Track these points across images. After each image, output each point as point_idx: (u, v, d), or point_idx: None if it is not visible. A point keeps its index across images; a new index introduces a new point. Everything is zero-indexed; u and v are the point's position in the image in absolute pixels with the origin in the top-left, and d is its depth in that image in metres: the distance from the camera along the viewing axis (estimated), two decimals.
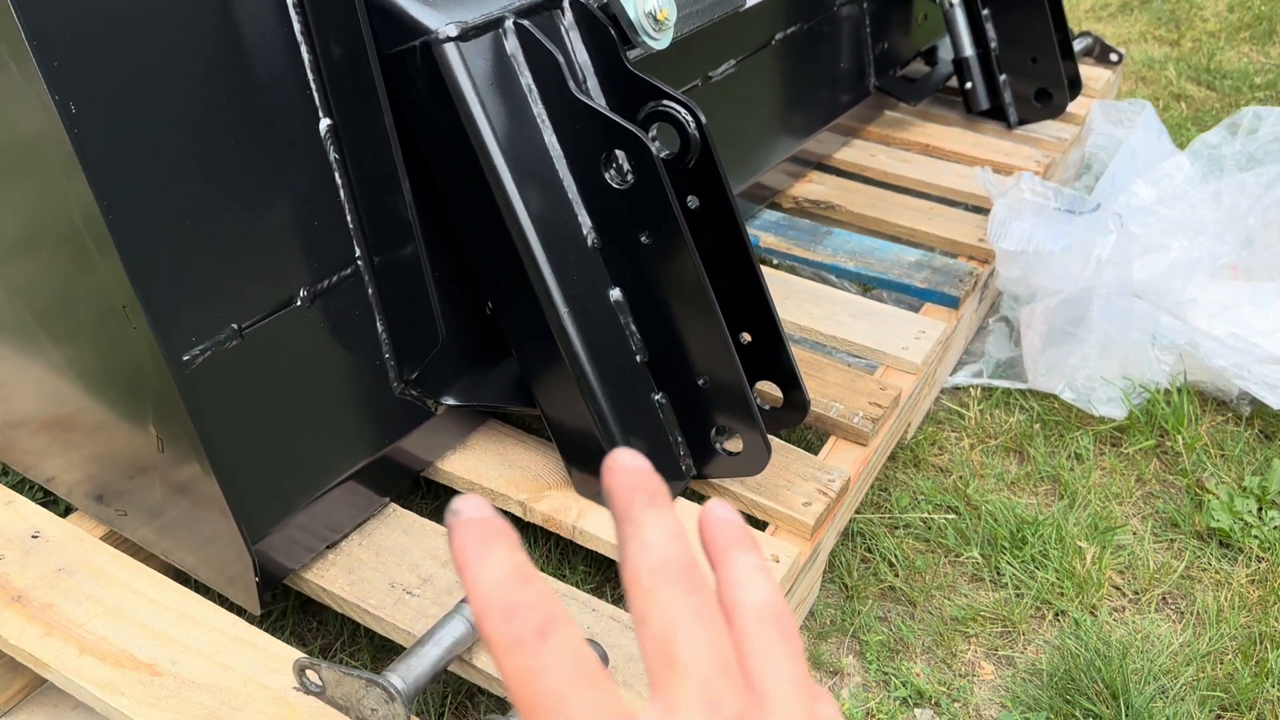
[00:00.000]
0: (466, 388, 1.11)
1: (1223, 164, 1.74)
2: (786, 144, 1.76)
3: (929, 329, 1.46)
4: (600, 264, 1.07)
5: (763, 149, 1.70)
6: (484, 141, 0.98)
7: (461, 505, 0.32)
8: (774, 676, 0.31)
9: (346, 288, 1.00)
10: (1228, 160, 1.74)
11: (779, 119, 1.74)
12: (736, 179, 1.66)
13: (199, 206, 0.87)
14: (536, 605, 0.30)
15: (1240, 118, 1.79)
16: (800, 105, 1.79)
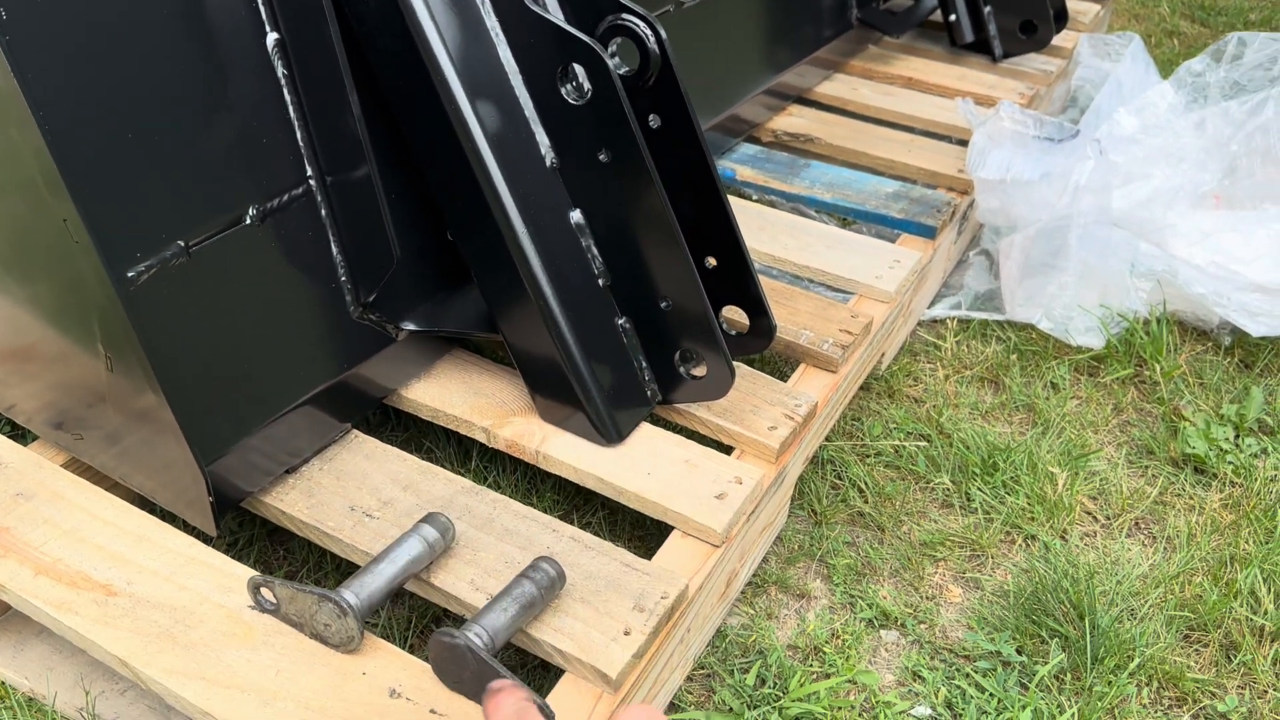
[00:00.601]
0: (428, 313, 1.10)
1: (1207, 91, 1.71)
2: (763, 76, 1.73)
3: (904, 258, 1.44)
4: (560, 184, 1.06)
5: (738, 80, 1.68)
6: (435, 55, 0.96)
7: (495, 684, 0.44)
8: None
9: (298, 207, 0.99)
10: (1212, 88, 1.72)
11: (755, 50, 1.71)
12: (711, 110, 1.63)
13: (141, 121, 0.85)
14: None
15: (1225, 44, 1.76)
16: (778, 36, 1.76)
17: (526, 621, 0.87)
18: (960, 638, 1.11)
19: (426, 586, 0.94)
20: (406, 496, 1.02)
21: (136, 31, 0.84)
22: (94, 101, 0.82)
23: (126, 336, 0.86)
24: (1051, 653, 1.07)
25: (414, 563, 0.91)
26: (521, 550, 0.96)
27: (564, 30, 0.97)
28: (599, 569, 0.95)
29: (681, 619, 0.94)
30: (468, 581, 0.93)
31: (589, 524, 1.20)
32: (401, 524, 0.98)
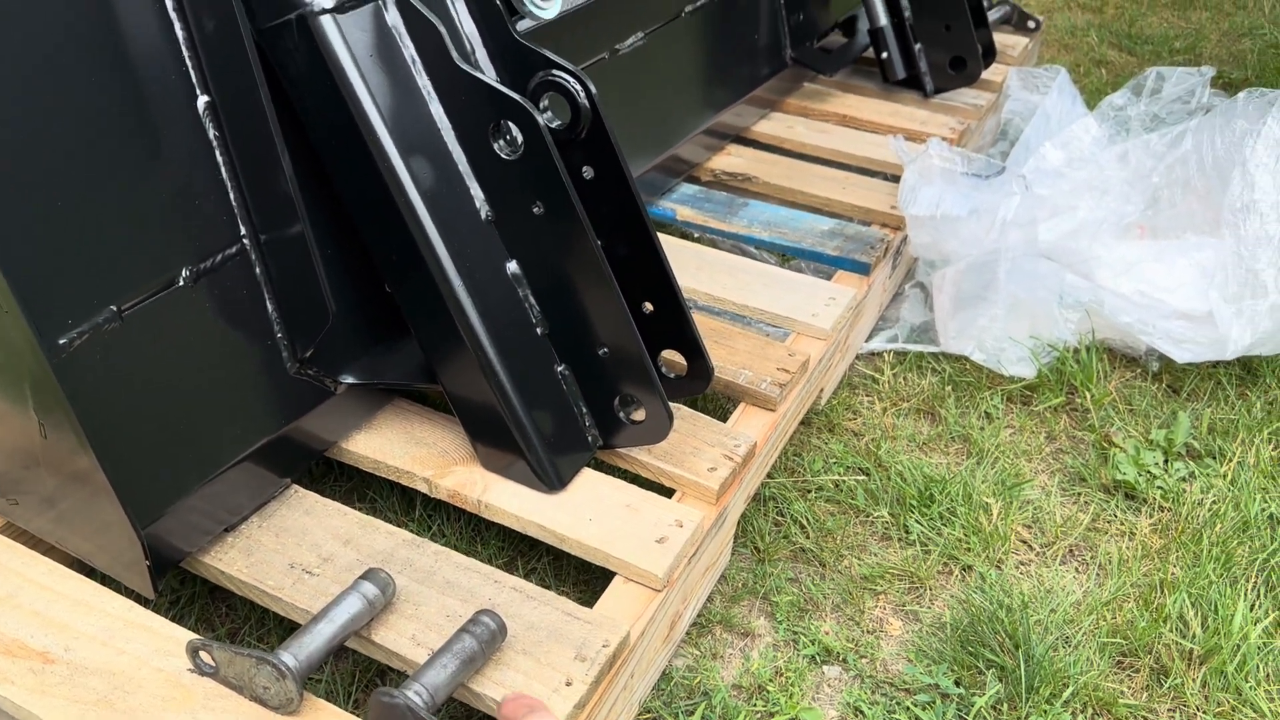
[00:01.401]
0: (366, 366, 1.11)
1: (1129, 125, 1.77)
2: (700, 117, 1.76)
3: (839, 295, 1.47)
4: (495, 236, 1.07)
5: (675, 122, 1.71)
6: (366, 115, 0.97)
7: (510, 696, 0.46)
8: None
9: (233, 266, 0.99)
10: (1134, 121, 1.78)
11: (692, 92, 1.74)
12: (649, 153, 1.66)
13: (71, 187, 0.85)
14: None
15: (1144, 79, 1.82)
16: (714, 78, 1.79)
17: (468, 676, 0.88)
18: (900, 671, 1.13)
19: (367, 643, 0.94)
20: (347, 552, 1.02)
21: (66, 98, 0.85)
22: (22, 169, 0.82)
23: (59, 403, 0.86)
24: (988, 684, 1.10)
25: (354, 621, 0.91)
26: (463, 603, 0.96)
27: (495, 89, 0.98)
28: (541, 619, 0.95)
29: (624, 666, 0.95)
30: (409, 637, 0.93)
31: (534, 569, 1.20)
32: (342, 580, 0.98)
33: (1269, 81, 2.65)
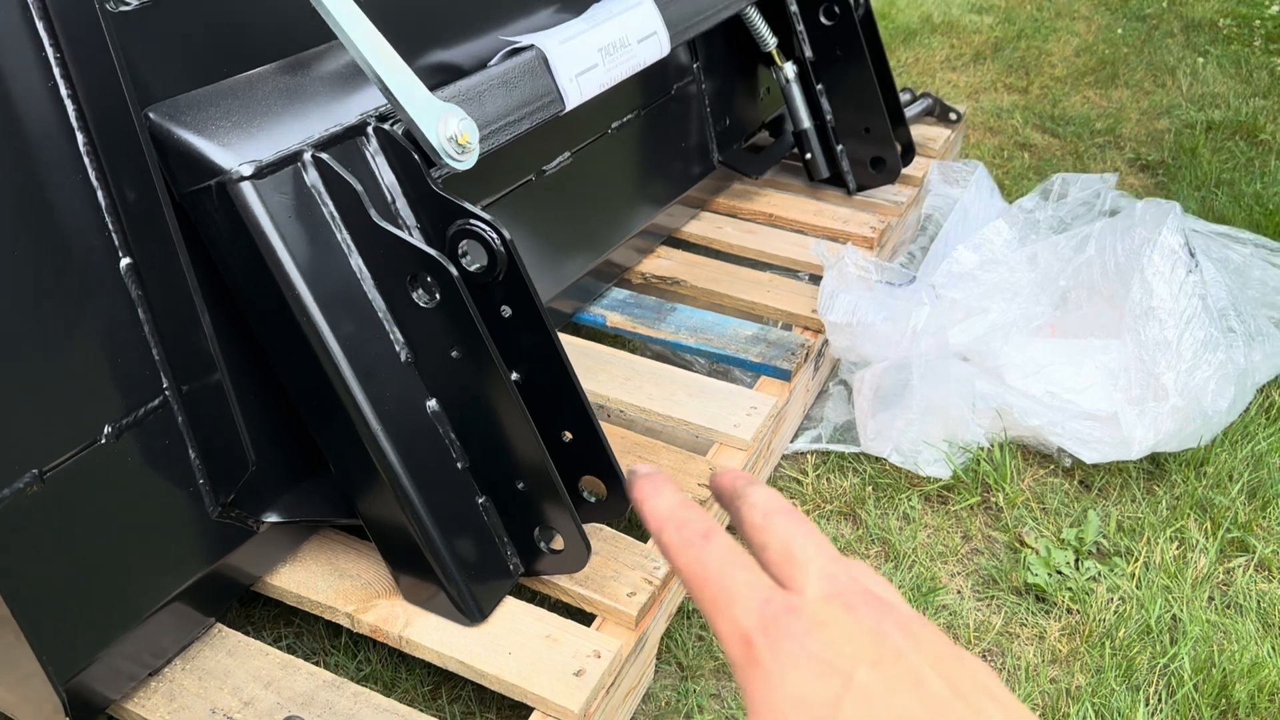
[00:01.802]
0: (288, 504, 1.13)
1: (1038, 227, 1.86)
2: (631, 224, 1.82)
3: (760, 405, 1.52)
4: (416, 377, 1.11)
5: (606, 231, 1.76)
6: (285, 272, 1.01)
7: (637, 468, 0.47)
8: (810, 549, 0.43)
9: (155, 419, 1.02)
10: (1042, 224, 1.86)
11: (622, 201, 1.80)
12: (582, 261, 1.71)
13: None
14: (699, 521, 0.43)
15: (1051, 184, 1.91)
16: (643, 186, 1.85)
17: None
18: None
19: None
20: (268, 694, 1.04)
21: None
22: None
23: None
24: None
25: None
26: None
27: (412, 246, 1.03)
28: None
29: None
30: None
31: (458, 698, 1.23)
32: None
33: (1184, 161, 2.77)
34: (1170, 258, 1.56)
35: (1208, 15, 3.86)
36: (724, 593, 0.41)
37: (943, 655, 0.39)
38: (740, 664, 0.39)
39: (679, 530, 0.43)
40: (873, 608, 0.39)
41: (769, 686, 0.38)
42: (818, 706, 0.37)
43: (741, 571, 0.41)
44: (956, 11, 3.89)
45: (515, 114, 1.30)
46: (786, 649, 0.38)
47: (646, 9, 1.56)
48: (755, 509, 0.44)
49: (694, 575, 0.42)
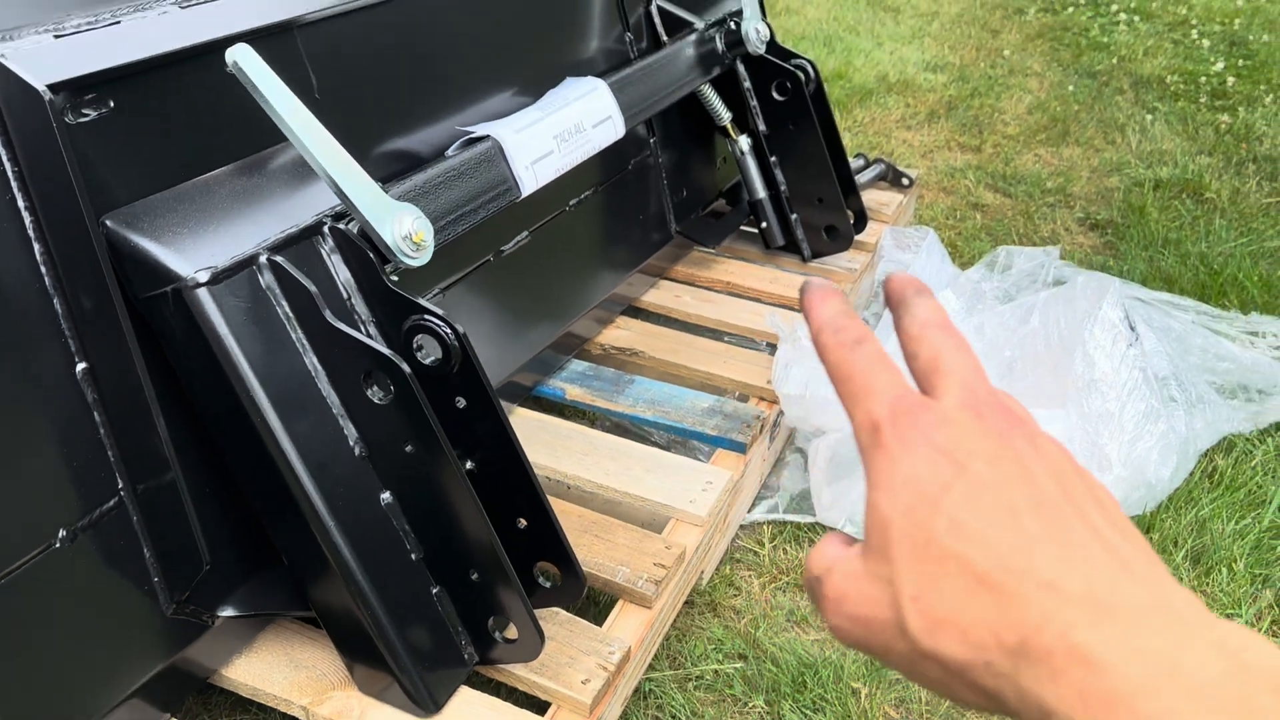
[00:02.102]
0: (244, 598, 1.15)
1: (984, 298, 1.91)
2: (588, 298, 1.85)
3: (716, 479, 1.55)
4: (370, 471, 1.13)
5: (563, 307, 1.79)
6: (240, 374, 1.03)
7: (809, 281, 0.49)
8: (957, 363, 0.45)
9: (111, 520, 1.03)
10: (988, 295, 1.91)
11: (579, 277, 1.83)
12: (542, 336, 1.74)
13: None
14: (855, 328, 0.46)
15: (996, 256, 1.96)
16: (600, 260, 1.89)
17: None
18: None
19: None
20: None
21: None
22: None
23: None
24: None
25: None
26: None
27: (366, 345, 1.05)
28: None
29: None
30: None
31: None
32: None
33: (1132, 220, 2.85)
34: (1110, 331, 1.61)
35: (1156, 72, 3.98)
36: (864, 387, 0.44)
37: (1064, 469, 0.40)
38: (867, 448, 0.42)
39: (835, 334, 0.46)
40: (1003, 418, 0.42)
41: (888, 466, 0.41)
42: (929, 485, 0.39)
43: (884, 372, 0.44)
44: (911, 70, 3.99)
45: (471, 204, 1.34)
46: (911, 436, 0.41)
47: (601, 94, 1.60)
48: (914, 319, 0.47)
49: (840, 371, 0.45)
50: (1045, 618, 0.36)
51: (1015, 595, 0.37)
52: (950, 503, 0.39)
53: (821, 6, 4.88)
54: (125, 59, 1.01)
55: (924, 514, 0.39)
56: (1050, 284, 1.92)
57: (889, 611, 0.39)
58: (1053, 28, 4.53)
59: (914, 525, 0.39)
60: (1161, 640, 0.34)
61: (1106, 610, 0.36)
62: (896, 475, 0.40)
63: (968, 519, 0.38)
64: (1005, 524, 0.38)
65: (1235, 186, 3.01)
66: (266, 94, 1.01)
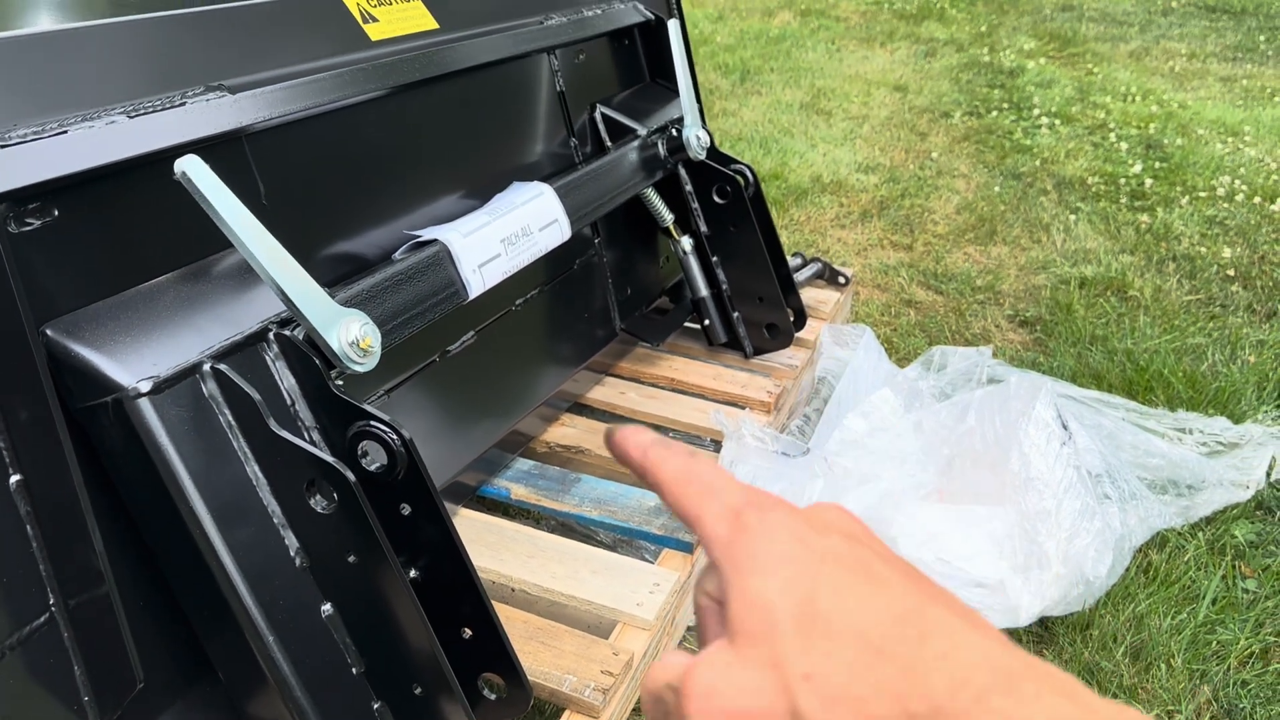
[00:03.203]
0: (176, 717, 1.10)
1: (921, 395, 1.95)
2: (534, 396, 1.85)
3: (663, 580, 1.54)
4: (311, 582, 1.11)
5: (509, 406, 1.79)
6: (179, 483, 1.01)
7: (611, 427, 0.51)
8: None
9: (41, 636, 0.99)
10: (925, 393, 1.95)
11: (525, 375, 1.84)
12: (488, 434, 1.73)
13: None
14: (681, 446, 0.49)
15: (931, 355, 2.01)
16: (546, 357, 1.90)
17: None
18: None
19: None
20: None
21: None
22: None
23: None
24: None
25: None
26: None
27: (310, 454, 1.04)
28: None
29: None
30: None
31: None
32: None
33: (1060, 317, 2.94)
34: (1044, 430, 1.65)
35: (1077, 173, 4.15)
36: (711, 484, 0.45)
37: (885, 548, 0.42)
38: (727, 536, 0.42)
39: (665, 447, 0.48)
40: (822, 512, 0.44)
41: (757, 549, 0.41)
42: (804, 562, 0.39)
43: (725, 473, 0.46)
44: (844, 171, 4.12)
45: (419, 307, 1.34)
46: (773, 518, 0.42)
47: (548, 199, 1.63)
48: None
49: (683, 474, 0.46)
50: (956, 684, 0.35)
51: (917, 663, 0.36)
52: (829, 576, 0.39)
53: (757, 109, 5.05)
54: (71, 169, 1.01)
55: (805, 589, 0.38)
56: (984, 382, 1.97)
57: (773, 698, 0.38)
58: (978, 131, 4.72)
59: (797, 603, 0.38)
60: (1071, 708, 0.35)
61: (1009, 676, 0.36)
62: (769, 556, 0.40)
63: (849, 590, 0.38)
64: (884, 595, 0.38)
65: (1157, 284, 3.14)
66: (214, 203, 1.02)
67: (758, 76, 5.68)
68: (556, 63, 1.90)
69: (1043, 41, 6.59)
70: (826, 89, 5.39)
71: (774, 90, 5.39)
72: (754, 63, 5.95)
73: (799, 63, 5.99)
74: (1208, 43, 6.48)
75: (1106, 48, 6.39)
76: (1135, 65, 5.92)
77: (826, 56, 6.18)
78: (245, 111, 1.23)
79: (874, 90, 5.38)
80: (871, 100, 5.20)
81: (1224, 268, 3.26)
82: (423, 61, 1.53)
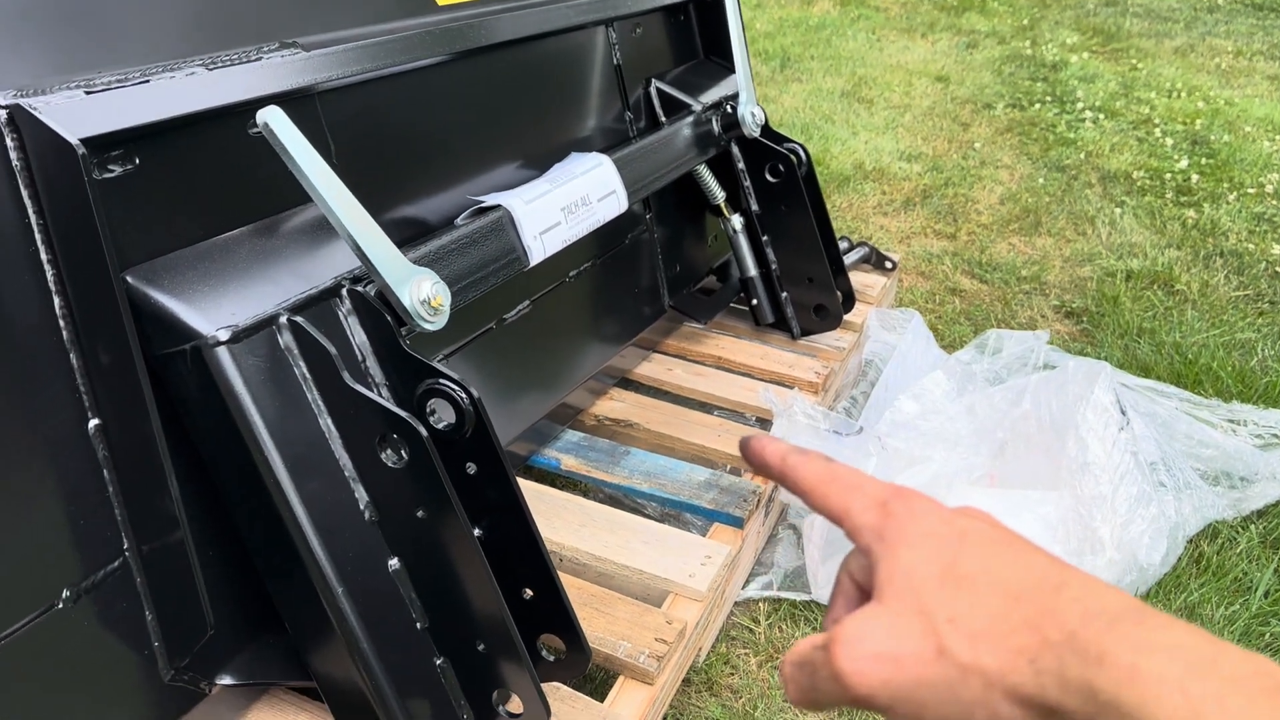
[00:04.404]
0: (242, 665, 1.11)
1: (974, 378, 1.93)
2: (584, 369, 1.85)
3: (715, 553, 1.54)
4: (379, 536, 1.11)
5: (560, 377, 1.79)
6: (255, 433, 1.02)
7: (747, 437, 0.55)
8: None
9: (114, 581, 1.00)
10: (978, 376, 1.94)
11: (578, 345, 1.84)
12: (539, 405, 1.74)
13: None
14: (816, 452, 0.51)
15: (986, 339, 2.00)
16: (597, 331, 1.90)
17: None
18: None
19: None
20: None
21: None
22: None
23: None
24: None
25: None
26: None
27: (383, 408, 1.04)
28: None
29: None
30: None
31: None
32: None
33: (1106, 309, 2.91)
34: (1103, 415, 1.63)
35: (1122, 167, 4.10)
36: (855, 482, 0.49)
37: None
38: (875, 525, 0.46)
39: (802, 454, 0.51)
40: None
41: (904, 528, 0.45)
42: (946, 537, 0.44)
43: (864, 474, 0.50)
44: (886, 159, 4.09)
45: (482, 271, 1.34)
46: (917, 505, 0.46)
47: (606, 169, 1.63)
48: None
49: (826, 474, 0.50)
50: (1089, 616, 0.39)
51: (1054, 605, 0.40)
52: (970, 546, 0.44)
53: (798, 96, 5.02)
54: (154, 117, 1.02)
55: (950, 556, 0.43)
56: (1040, 368, 1.95)
57: (920, 639, 0.42)
58: (1020, 123, 4.67)
59: (942, 564, 0.43)
60: (1197, 640, 0.37)
61: (1139, 610, 0.39)
62: (916, 533, 0.45)
63: (990, 556, 0.43)
64: (1022, 559, 0.43)
65: (1204, 279, 3.10)
66: (295, 155, 1.02)
67: (798, 64, 5.64)
68: (615, 35, 1.90)
69: (1086, 36, 6.51)
70: (867, 78, 5.36)
71: (814, 78, 5.35)
72: (794, 50, 5.92)
73: (839, 51, 5.95)
74: (1255, 40, 6.39)
75: (1151, 44, 6.31)
76: (1180, 61, 5.84)
77: (867, 46, 6.14)
78: (319, 69, 1.24)
79: (915, 80, 5.34)
80: (913, 90, 5.16)
81: (1273, 264, 3.21)
82: (488, 28, 1.53)
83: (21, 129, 0.92)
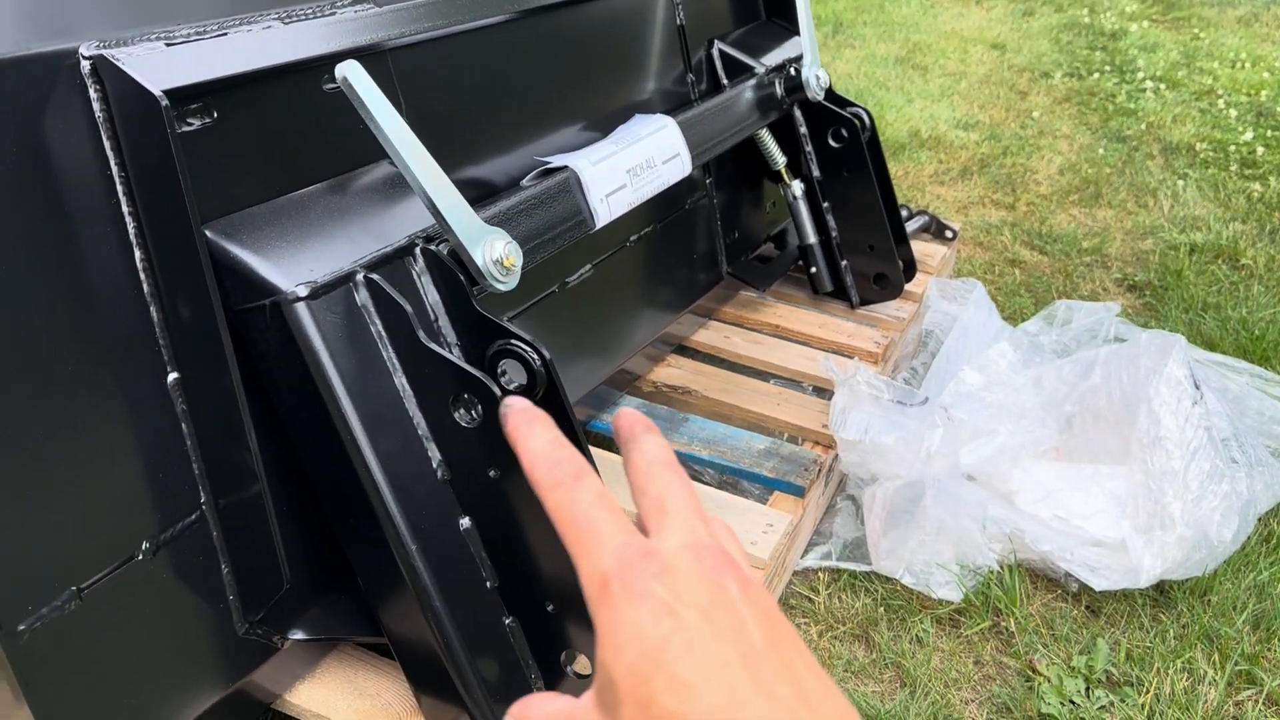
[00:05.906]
0: (314, 620, 1.12)
1: (1042, 350, 1.90)
2: (645, 333, 1.84)
3: (776, 521, 1.53)
4: (451, 495, 1.11)
5: (622, 340, 1.78)
6: (333, 390, 1.01)
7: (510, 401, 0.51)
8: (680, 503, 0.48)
9: (191, 534, 1.01)
10: (1046, 348, 1.90)
11: (637, 311, 1.83)
12: (599, 370, 1.73)
13: (40, 472, 0.88)
14: (573, 459, 0.47)
15: (1055, 309, 1.96)
16: (657, 296, 1.88)
17: None
18: None
19: None
20: None
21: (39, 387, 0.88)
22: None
23: (14, 691, 0.86)
24: None
25: None
26: None
27: (458, 367, 1.04)
28: None
29: None
30: None
31: None
32: None
33: (1170, 283, 2.85)
34: (1176, 389, 1.59)
35: (1185, 139, 4.00)
36: (589, 534, 0.44)
37: (769, 613, 0.42)
38: (595, 601, 0.43)
39: (551, 469, 0.47)
40: (719, 560, 0.44)
41: (615, 622, 0.42)
42: (650, 642, 0.40)
43: (606, 514, 0.45)
44: (943, 127, 4.02)
45: (550, 233, 1.33)
46: (636, 588, 0.42)
47: (671, 132, 1.60)
48: (643, 456, 0.50)
49: (561, 514, 0.46)
50: None
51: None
52: (669, 659, 0.40)
53: (851, 62, 4.94)
54: (233, 70, 1.01)
55: (646, 673, 0.40)
56: (1110, 340, 1.91)
57: None
58: (1079, 92, 4.57)
59: (637, 685, 0.40)
60: None
61: None
62: (621, 633, 0.41)
63: (684, 676, 0.40)
64: (717, 680, 0.39)
65: (1271, 254, 3.02)
66: (373, 110, 1.01)
67: (850, 29, 5.55)
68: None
69: (1145, 4, 6.34)
70: (922, 44, 5.26)
71: (868, 44, 5.27)
72: (846, 15, 5.82)
73: (893, 17, 5.84)
74: None
75: (1213, 12, 6.13)
76: (1244, 31, 5.67)
77: (921, 12, 6.02)
78: (391, 25, 1.22)
79: (971, 47, 5.23)
80: (969, 57, 5.06)
81: None
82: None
83: (105, 80, 0.92)
